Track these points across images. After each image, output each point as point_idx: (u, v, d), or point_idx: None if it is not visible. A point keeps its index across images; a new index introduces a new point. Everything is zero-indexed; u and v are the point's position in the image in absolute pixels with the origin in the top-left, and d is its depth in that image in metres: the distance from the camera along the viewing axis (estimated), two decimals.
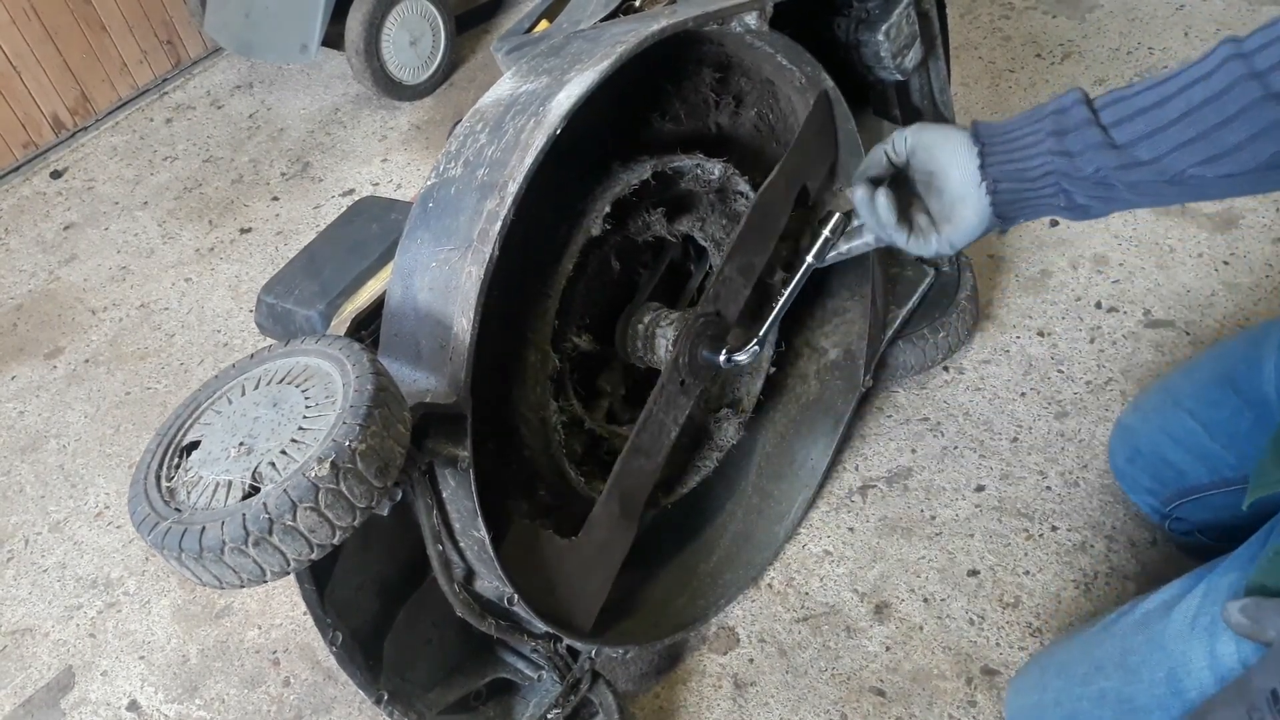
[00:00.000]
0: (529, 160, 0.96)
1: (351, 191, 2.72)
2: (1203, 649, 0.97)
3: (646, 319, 1.32)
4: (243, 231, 2.67)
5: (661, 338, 1.30)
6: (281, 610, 1.72)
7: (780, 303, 1.27)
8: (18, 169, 3.11)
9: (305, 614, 1.70)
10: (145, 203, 2.87)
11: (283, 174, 2.85)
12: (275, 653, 1.66)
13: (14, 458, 2.14)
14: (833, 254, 1.21)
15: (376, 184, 2.72)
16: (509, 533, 1.24)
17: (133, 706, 1.64)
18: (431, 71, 3.02)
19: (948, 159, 1.05)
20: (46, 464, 2.11)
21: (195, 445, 0.89)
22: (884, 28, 1.29)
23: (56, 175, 3.07)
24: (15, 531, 1.98)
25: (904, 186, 1.11)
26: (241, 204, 2.77)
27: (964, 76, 2.46)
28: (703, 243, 1.39)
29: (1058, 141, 0.96)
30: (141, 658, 1.70)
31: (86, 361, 2.36)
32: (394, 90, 2.95)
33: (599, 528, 1.28)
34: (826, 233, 1.20)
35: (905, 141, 1.08)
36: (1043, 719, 1.17)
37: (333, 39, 2.84)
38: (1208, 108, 0.86)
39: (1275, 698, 0.82)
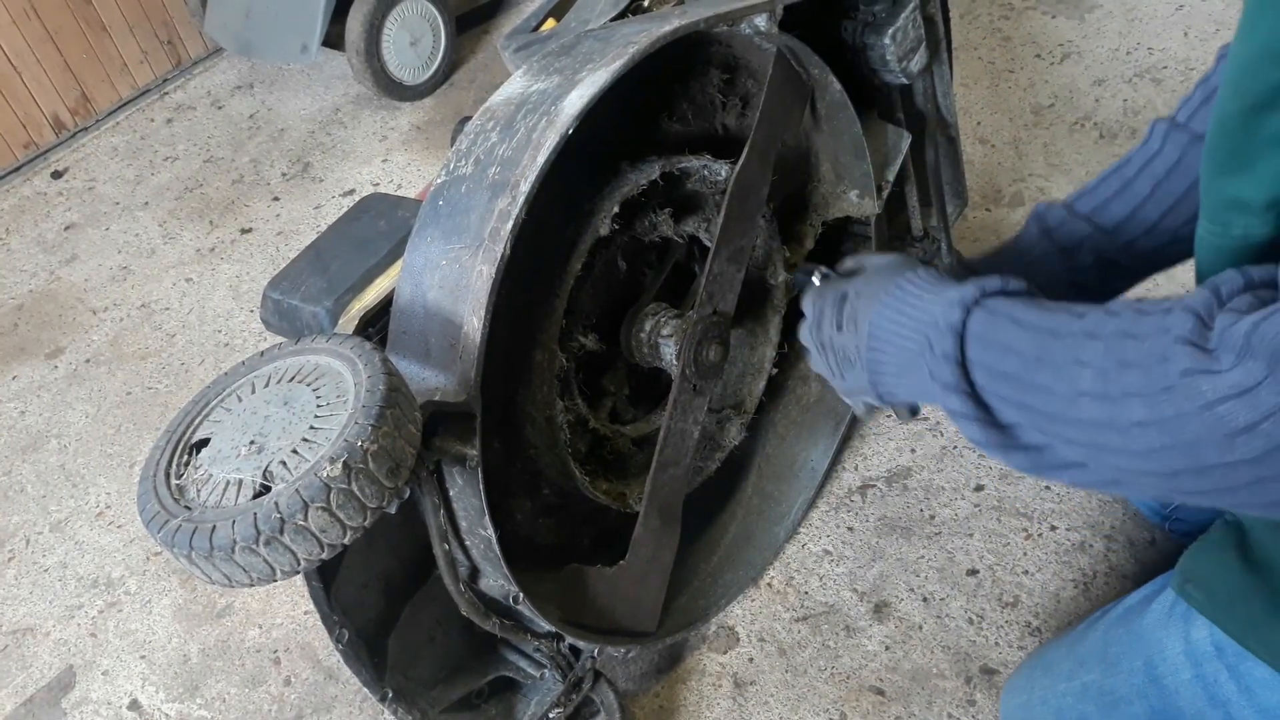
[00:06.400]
0: (541, 159, 0.96)
1: (352, 192, 2.72)
2: (1178, 635, 1.00)
3: (650, 323, 1.32)
4: (243, 232, 2.67)
5: (665, 344, 1.30)
6: (282, 610, 1.72)
7: None
8: (18, 169, 3.10)
9: (306, 613, 1.71)
10: (146, 203, 2.87)
11: (283, 174, 2.85)
12: (276, 652, 1.66)
13: (15, 457, 2.14)
14: None
15: (377, 184, 2.72)
16: (559, 580, 1.24)
17: (134, 706, 1.64)
18: (432, 72, 3.02)
19: None
20: (47, 464, 2.11)
21: (205, 443, 0.89)
22: (890, 31, 1.30)
23: (57, 175, 3.07)
24: (16, 531, 1.98)
25: None
26: (242, 204, 2.77)
27: (964, 77, 2.46)
28: (708, 243, 1.39)
29: None
30: (142, 657, 1.70)
31: (87, 361, 2.36)
32: (394, 91, 2.95)
33: (644, 545, 1.28)
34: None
35: None
36: (1031, 717, 1.18)
37: (333, 39, 2.84)
38: None
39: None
